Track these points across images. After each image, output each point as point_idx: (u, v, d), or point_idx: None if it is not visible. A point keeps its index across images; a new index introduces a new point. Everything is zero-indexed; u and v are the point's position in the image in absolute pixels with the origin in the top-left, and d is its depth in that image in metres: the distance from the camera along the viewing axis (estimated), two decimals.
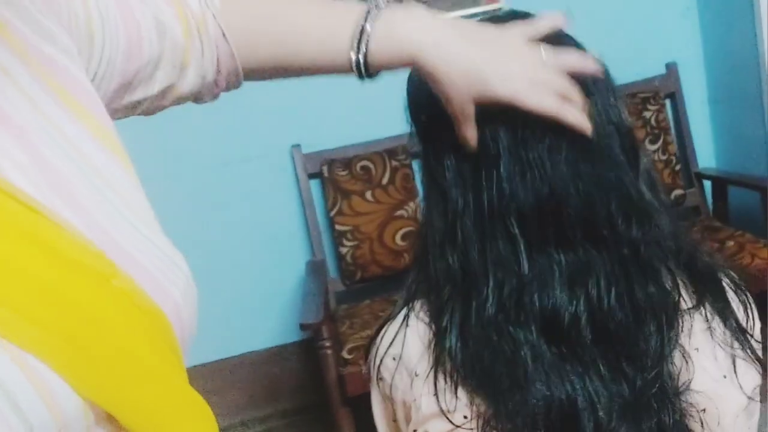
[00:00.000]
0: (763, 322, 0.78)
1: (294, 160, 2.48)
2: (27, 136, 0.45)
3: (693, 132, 2.71)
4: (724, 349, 0.73)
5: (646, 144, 2.56)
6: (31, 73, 0.48)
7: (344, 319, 2.29)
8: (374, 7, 0.68)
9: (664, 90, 2.66)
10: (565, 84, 0.69)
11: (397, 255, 2.40)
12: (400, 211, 2.40)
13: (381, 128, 2.38)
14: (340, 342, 2.13)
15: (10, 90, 0.45)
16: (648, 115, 2.57)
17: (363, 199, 2.40)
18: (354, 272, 2.43)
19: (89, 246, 0.43)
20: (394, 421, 0.78)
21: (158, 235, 0.52)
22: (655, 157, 2.56)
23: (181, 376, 0.48)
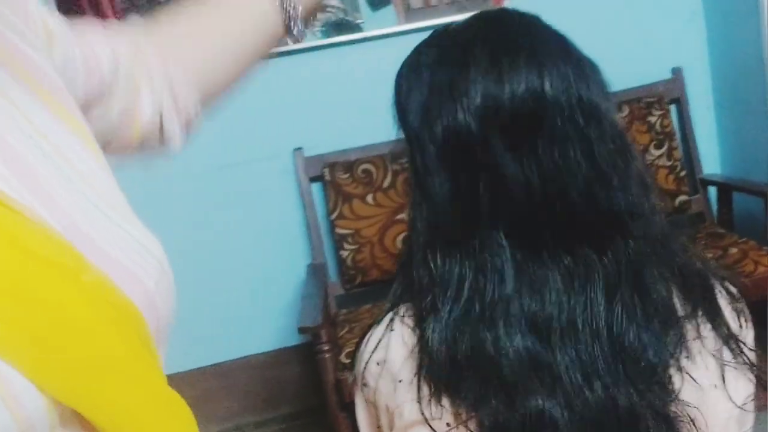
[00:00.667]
0: (763, 329, 0.76)
1: (296, 163, 2.48)
2: None
3: (698, 138, 2.69)
4: (715, 357, 0.72)
5: (651, 149, 2.54)
6: None
7: (344, 323, 2.28)
8: None
9: (669, 95, 2.64)
10: None
11: (398, 259, 2.38)
12: (402, 215, 2.39)
13: (383, 132, 2.36)
14: (339, 346, 2.12)
15: None
16: (653, 120, 2.55)
17: (364, 202, 2.39)
18: (354, 276, 2.41)
19: (56, 238, 0.42)
20: (378, 427, 0.77)
21: (130, 222, 0.50)
22: (660, 163, 2.54)
23: (155, 373, 0.47)
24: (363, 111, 2.29)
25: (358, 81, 2.47)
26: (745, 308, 0.77)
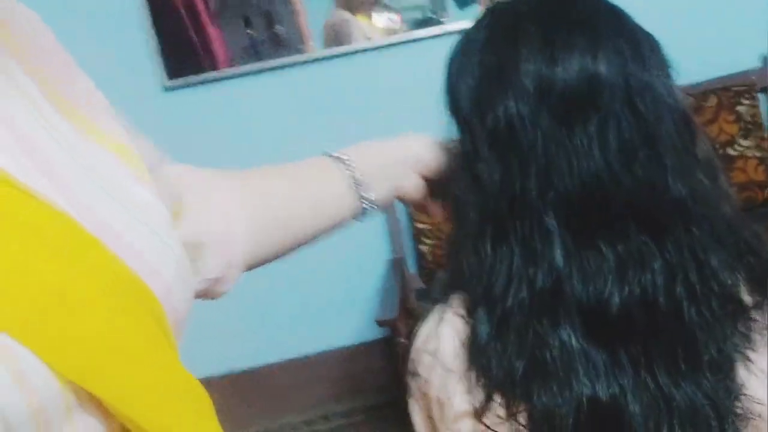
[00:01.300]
0: None
1: None
2: (13, 116, 0.43)
3: None
4: None
5: (740, 139, 2.46)
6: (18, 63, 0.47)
7: (423, 316, 2.30)
8: (345, 166, 0.78)
9: (760, 83, 2.55)
10: None
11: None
12: None
13: None
14: None
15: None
16: (742, 110, 2.47)
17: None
18: (434, 270, 2.43)
19: (68, 220, 0.41)
20: (430, 418, 0.76)
21: (152, 217, 0.49)
22: (749, 154, 2.46)
23: (171, 355, 0.45)
24: (442, 106, 2.30)
25: (438, 77, 2.48)
26: None
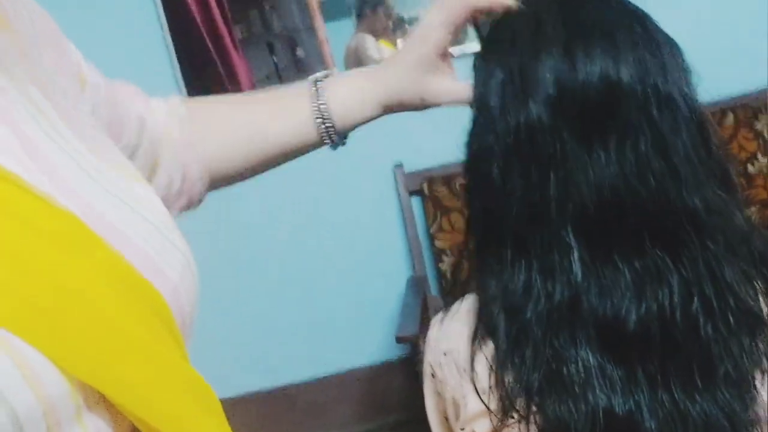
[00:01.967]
0: None
1: (396, 179, 2.54)
2: (15, 121, 0.43)
3: None
4: None
5: (759, 156, 2.46)
6: (27, 71, 0.47)
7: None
8: (315, 89, 0.76)
9: None
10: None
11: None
12: None
13: None
14: None
15: (3, 80, 0.45)
16: (760, 127, 2.47)
17: (462, 215, 2.43)
18: (454, 289, 2.45)
19: (72, 218, 0.41)
20: (446, 418, 0.76)
21: (157, 216, 0.49)
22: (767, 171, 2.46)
23: (178, 353, 0.45)
24: (459, 125, 2.33)
25: None
26: None
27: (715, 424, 0.66)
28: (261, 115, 0.78)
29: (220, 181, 0.78)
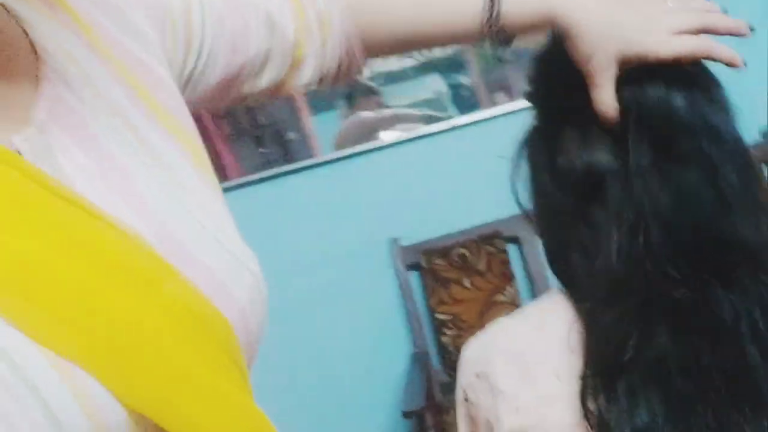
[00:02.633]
0: None
1: (393, 254, 2.53)
2: (97, 137, 0.44)
3: None
4: None
5: None
6: (112, 72, 0.48)
7: (449, 409, 2.26)
8: None
9: (762, 157, 2.56)
10: (703, 20, 0.65)
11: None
12: (499, 296, 2.39)
13: (474, 216, 2.41)
14: (445, 431, 2.11)
15: (88, 94, 0.45)
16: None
17: (461, 286, 2.41)
18: (457, 361, 2.41)
19: (143, 247, 0.42)
20: None
21: (228, 236, 0.49)
22: None
23: (239, 387, 0.45)
24: (453, 197, 2.35)
25: (448, 169, 2.54)
26: None
27: None
28: None
29: (377, 52, 0.73)
